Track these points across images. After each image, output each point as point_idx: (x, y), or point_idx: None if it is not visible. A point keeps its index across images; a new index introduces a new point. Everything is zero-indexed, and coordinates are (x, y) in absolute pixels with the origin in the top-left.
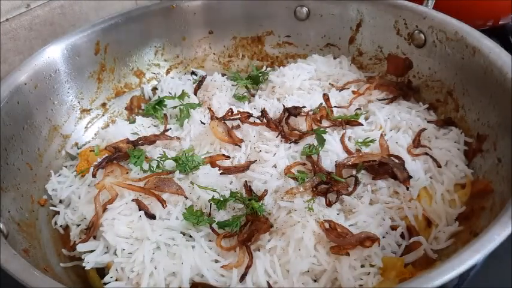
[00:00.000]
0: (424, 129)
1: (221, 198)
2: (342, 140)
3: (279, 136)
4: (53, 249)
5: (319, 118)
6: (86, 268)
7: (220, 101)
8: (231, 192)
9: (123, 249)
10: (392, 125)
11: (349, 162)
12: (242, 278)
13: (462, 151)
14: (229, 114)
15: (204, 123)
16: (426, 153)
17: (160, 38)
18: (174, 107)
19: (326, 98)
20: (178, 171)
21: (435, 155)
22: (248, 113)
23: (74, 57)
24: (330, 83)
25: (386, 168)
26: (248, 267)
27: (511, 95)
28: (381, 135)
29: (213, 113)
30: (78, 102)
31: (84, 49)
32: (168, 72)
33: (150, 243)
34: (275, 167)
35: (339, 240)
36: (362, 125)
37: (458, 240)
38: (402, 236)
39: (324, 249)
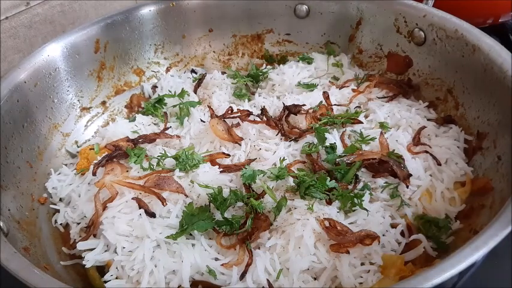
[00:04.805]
0: (424, 127)
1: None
2: (341, 138)
3: (279, 134)
4: (53, 248)
5: (319, 116)
6: (86, 266)
7: (220, 99)
8: (231, 190)
9: (123, 248)
10: (392, 123)
11: (349, 161)
12: (242, 276)
13: (462, 149)
14: (229, 112)
15: (204, 122)
16: (426, 151)
17: (160, 36)
18: (174, 106)
19: (326, 96)
20: (178, 169)
21: (435, 153)
22: (248, 111)
23: (73, 56)
24: (329, 81)
25: (386, 166)
26: (248, 265)
27: (511, 93)
28: (381, 133)
29: (213, 111)
30: (78, 100)
31: (84, 47)
32: (167, 70)
33: (150, 242)
34: (275, 165)
35: (339, 239)
36: (362, 123)
37: (458, 238)
38: (402, 234)
39: (324, 247)
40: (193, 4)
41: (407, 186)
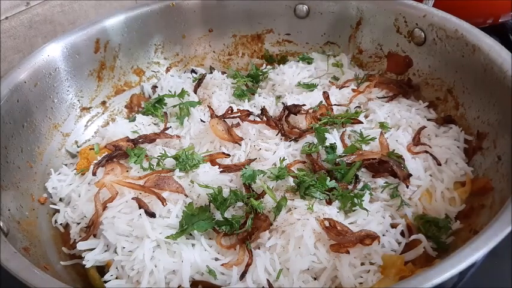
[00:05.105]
0: (424, 127)
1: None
2: (341, 138)
3: (279, 134)
4: (53, 248)
5: (319, 116)
6: (86, 266)
7: (220, 99)
8: (231, 190)
9: (123, 248)
10: (392, 123)
11: (349, 161)
12: (242, 276)
13: (462, 149)
14: (229, 112)
15: (204, 122)
16: (426, 151)
17: (160, 36)
18: (174, 106)
19: (326, 96)
20: (178, 169)
21: (435, 153)
22: (248, 111)
23: (73, 56)
24: (329, 81)
25: (386, 166)
26: (248, 265)
27: (511, 93)
28: (381, 133)
29: (213, 111)
30: (78, 100)
31: (84, 47)
32: (167, 70)
33: (150, 242)
34: (275, 165)
35: (339, 239)
36: (362, 123)
37: (458, 238)
38: (402, 234)
39: (324, 247)
40: (193, 4)
41: (407, 186)
